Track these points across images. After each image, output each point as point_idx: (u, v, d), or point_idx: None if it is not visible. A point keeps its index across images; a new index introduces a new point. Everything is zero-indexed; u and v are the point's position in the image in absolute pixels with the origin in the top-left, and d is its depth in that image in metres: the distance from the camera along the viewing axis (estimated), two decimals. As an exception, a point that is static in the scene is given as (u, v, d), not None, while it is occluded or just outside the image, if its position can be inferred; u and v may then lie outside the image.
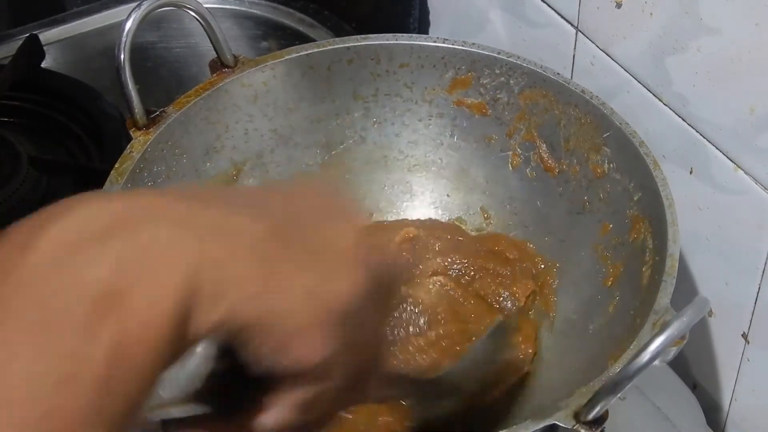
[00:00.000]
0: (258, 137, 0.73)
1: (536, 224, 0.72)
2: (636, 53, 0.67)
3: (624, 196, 0.65)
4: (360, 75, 0.73)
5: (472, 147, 0.75)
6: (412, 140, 0.76)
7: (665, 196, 0.60)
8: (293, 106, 0.73)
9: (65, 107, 0.87)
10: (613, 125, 0.65)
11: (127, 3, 0.95)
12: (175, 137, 0.67)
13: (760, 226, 0.62)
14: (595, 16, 0.69)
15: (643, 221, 0.62)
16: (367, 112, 0.75)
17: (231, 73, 0.70)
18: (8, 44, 0.93)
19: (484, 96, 0.73)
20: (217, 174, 0.71)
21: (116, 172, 0.63)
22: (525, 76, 0.70)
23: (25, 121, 0.87)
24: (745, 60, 0.58)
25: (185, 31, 0.95)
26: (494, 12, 0.81)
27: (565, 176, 0.70)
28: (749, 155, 0.61)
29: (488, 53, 0.71)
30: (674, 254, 0.56)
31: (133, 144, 0.65)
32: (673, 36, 0.63)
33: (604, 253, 0.66)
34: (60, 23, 0.96)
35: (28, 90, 0.88)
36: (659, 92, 0.66)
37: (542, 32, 0.76)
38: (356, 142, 0.76)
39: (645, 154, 0.63)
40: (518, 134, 0.72)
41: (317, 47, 0.72)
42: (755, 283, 0.64)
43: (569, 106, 0.68)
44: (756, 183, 0.61)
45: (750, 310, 0.66)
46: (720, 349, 0.70)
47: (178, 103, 0.68)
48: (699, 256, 0.69)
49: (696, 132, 0.64)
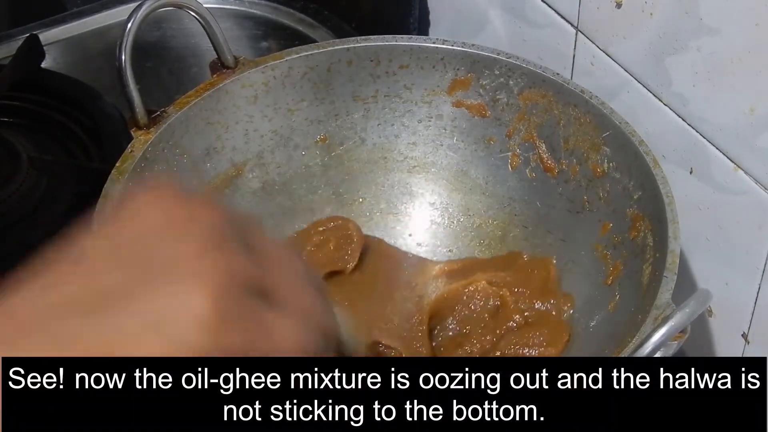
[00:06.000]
0: (258, 138, 0.73)
1: (536, 224, 0.72)
2: (636, 53, 0.67)
3: (624, 195, 0.65)
4: (360, 76, 0.73)
5: (471, 148, 0.75)
6: (411, 141, 0.76)
7: (665, 194, 0.60)
8: (293, 107, 0.73)
9: (65, 107, 0.87)
10: (613, 125, 0.65)
11: (127, 3, 0.96)
12: (175, 137, 0.68)
13: (760, 226, 0.62)
14: (595, 16, 0.70)
15: (643, 219, 0.62)
16: (367, 113, 0.75)
17: (231, 74, 0.70)
18: (8, 44, 0.93)
19: (484, 97, 0.73)
20: (217, 174, 0.71)
21: (117, 171, 0.63)
22: (524, 77, 0.70)
23: (25, 121, 0.87)
24: (745, 60, 0.58)
25: (185, 31, 0.95)
26: (494, 12, 0.81)
27: (565, 176, 0.70)
28: (749, 155, 0.61)
29: (488, 54, 0.71)
30: (675, 251, 0.57)
31: (134, 143, 0.65)
32: (673, 36, 0.63)
33: (604, 252, 0.66)
34: (60, 23, 0.96)
35: (28, 90, 0.88)
36: (659, 92, 0.66)
37: (542, 32, 0.76)
38: (356, 143, 0.76)
39: (645, 153, 0.63)
40: (518, 135, 0.72)
41: (317, 48, 0.73)
42: (755, 283, 0.64)
43: (569, 106, 0.68)
44: (756, 183, 0.61)
45: (750, 310, 0.66)
46: (720, 349, 0.70)
47: (178, 103, 0.68)
48: (699, 256, 0.69)
49: (696, 132, 0.64)
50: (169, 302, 0.34)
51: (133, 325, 0.34)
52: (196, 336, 0.34)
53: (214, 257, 0.35)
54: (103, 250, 0.36)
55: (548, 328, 0.66)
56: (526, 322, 0.67)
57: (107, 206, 0.36)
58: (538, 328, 0.66)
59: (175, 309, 0.34)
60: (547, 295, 0.68)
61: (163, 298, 0.34)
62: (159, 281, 0.35)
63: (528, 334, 0.66)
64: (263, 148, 0.73)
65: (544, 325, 0.66)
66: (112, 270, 0.35)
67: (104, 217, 0.36)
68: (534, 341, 0.66)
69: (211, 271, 0.35)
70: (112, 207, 0.37)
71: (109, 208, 0.38)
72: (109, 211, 0.37)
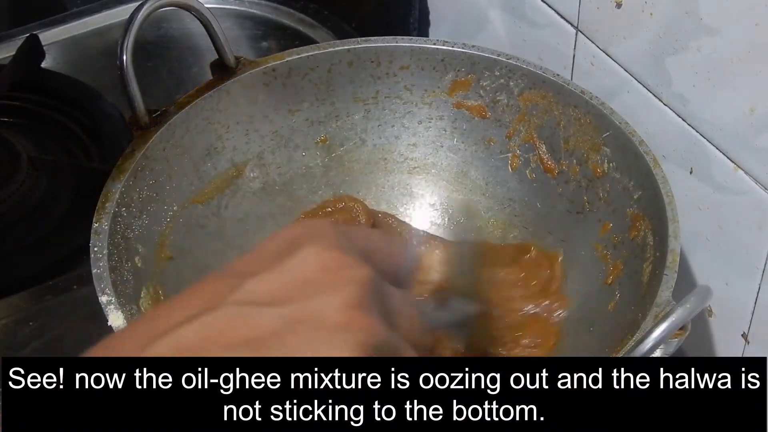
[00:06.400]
0: (259, 138, 0.73)
1: (536, 225, 0.72)
2: (636, 53, 0.67)
3: (624, 195, 0.65)
4: (360, 77, 0.73)
5: (471, 149, 0.75)
6: (412, 142, 0.76)
7: (665, 193, 0.60)
8: (294, 108, 0.73)
9: (65, 107, 0.87)
10: (613, 125, 0.66)
11: (127, 3, 0.96)
12: (176, 137, 0.68)
13: (760, 226, 0.62)
14: (595, 16, 0.70)
15: (644, 219, 0.62)
16: (367, 114, 0.75)
17: (232, 74, 0.70)
18: (8, 44, 0.93)
19: (484, 98, 0.73)
20: (217, 174, 0.71)
21: (118, 171, 0.63)
22: (525, 78, 0.70)
23: (25, 121, 0.87)
24: (745, 60, 0.58)
25: (185, 31, 0.95)
26: (494, 12, 0.82)
27: (565, 176, 0.70)
28: (749, 155, 0.61)
29: (488, 55, 0.71)
30: (675, 249, 0.57)
31: (135, 143, 0.65)
32: (673, 36, 0.63)
33: (604, 252, 0.66)
34: (60, 23, 0.96)
35: (28, 90, 0.88)
36: (659, 92, 0.66)
37: (542, 32, 0.76)
38: (356, 144, 0.76)
39: (645, 153, 0.63)
40: (518, 136, 0.72)
41: (317, 49, 0.73)
42: (755, 283, 0.64)
43: (569, 107, 0.68)
44: (756, 183, 0.61)
45: (750, 310, 0.66)
46: (720, 349, 0.70)
47: (179, 103, 0.68)
48: (699, 256, 0.69)
49: (696, 132, 0.64)
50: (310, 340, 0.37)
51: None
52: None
53: (357, 316, 0.38)
54: (261, 291, 0.39)
55: (536, 329, 0.66)
56: (516, 321, 0.67)
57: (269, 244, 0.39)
58: (525, 329, 0.67)
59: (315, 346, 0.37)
60: (543, 296, 0.68)
61: (307, 338, 0.37)
62: (305, 326, 0.37)
63: (515, 333, 0.66)
64: (264, 148, 0.73)
65: (533, 326, 0.67)
66: (264, 311, 0.38)
67: (267, 252, 0.40)
68: (522, 341, 0.66)
69: (354, 327, 0.38)
70: (275, 242, 0.40)
71: (273, 244, 0.41)
72: (272, 246, 0.40)
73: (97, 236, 0.60)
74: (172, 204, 0.67)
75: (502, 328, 0.67)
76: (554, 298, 0.68)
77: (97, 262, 0.58)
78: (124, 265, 0.60)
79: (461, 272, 0.60)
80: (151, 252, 0.64)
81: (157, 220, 0.66)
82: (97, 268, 0.58)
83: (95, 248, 0.59)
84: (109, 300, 0.56)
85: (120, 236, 0.61)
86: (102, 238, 0.59)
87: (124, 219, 0.62)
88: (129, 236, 0.62)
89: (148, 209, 0.65)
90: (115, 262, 0.59)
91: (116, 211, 0.61)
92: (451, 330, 0.55)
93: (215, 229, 0.70)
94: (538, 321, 0.67)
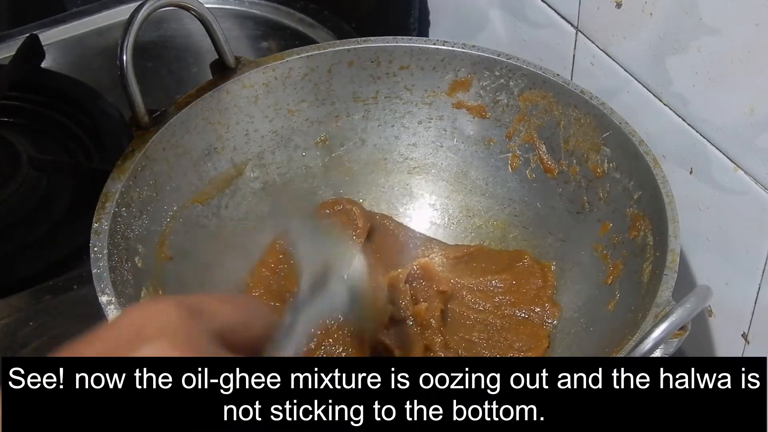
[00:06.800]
0: (259, 138, 0.73)
1: (536, 225, 0.72)
2: (636, 53, 0.67)
3: (624, 195, 0.65)
4: (360, 77, 0.73)
5: (471, 149, 0.75)
6: (411, 142, 0.76)
7: (665, 193, 0.60)
8: (294, 108, 0.73)
9: (65, 107, 0.87)
10: (613, 125, 0.66)
11: (127, 3, 0.96)
12: (176, 137, 0.68)
13: (760, 226, 0.62)
14: (595, 16, 0.70)
15: (644, 219, 0.62)
16: (367, 114, 0.75)
17: (232, 74, 0.70)
18: (8, 44, 0.93)
19: (484, 98, 0.73)
20: (217, 174, 0.71)
21: (118, 170, 0.63)
22: (524, 78, 0.70)
23: (25, 121, 0.87)
24: (745, 60, 0.58)
25: (185, 31, 0.95)
26: (494, 12, 0.81)
27: (565, 177, 0.70)
28: (749, 155, 0.61)
29: (488, 55, 0.71)
30: (675, 249, 0.57)
31: (135, 143, 0.65)
32: (673, 36, 0.63)
33: (604, 252, 0.66)
34: (60, 23, 0.96)
35: (28, 90, 0.88)
36: (659, 92, 0.66)
37: (542, 32, 0.76)
38: (356, 145, 0.76)
39: (645, 153, 0.63)
40: (518, 136, 0.72)
41: (317, 49, 0.73)
42: (755, 283, 0.64)
43: (569, 107, 0.68)
44: (756, 183, 0.61)
45: (750, 310, 0.66)
46: (720, 349, 0.70)
47: (179, 103, 0.68)
48: (699, 256, 0.69)
49: (696, 132, 0.64)
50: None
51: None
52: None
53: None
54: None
55: (528, 333, 0.66)
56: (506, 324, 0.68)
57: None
58: (517, 333, 0.67)
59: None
60: (536, 303, 0.68)
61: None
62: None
63: (507, 335, 0.67)
64: (264, 148, 0.73)
65: (525, 330, 0.67)
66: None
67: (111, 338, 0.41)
68: (513, 345, 0.66)
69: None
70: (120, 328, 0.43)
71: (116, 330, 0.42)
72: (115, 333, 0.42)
73: (97, 236, 0.60)
74: (172, 204, 0.67)
75: (493, 331, 0.67)
76: (547, 306, 0.68)
77: (97, 262, 0.58)
78: (124, 265, 0.60)
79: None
80: (151, 252, 0.64)
81: (157, 220, 0.66)
82: (97, 268, 0.58)
83: (95, 248, 0.59)
84: (109, 300, 0.56)
85: (120, 236, 0.61)
86: (102, 238, 0.59)
87: (124, 219, 0.62)
88: (129, 236, 0.62)
89: (148, 209, 0.65)
90: (115, 262, 0.59)
91: (116, 211, 0.61)
92: (335, 316, 0.56)
93: (215, 229, 0.70)
94: (529, 326, 0.67)
